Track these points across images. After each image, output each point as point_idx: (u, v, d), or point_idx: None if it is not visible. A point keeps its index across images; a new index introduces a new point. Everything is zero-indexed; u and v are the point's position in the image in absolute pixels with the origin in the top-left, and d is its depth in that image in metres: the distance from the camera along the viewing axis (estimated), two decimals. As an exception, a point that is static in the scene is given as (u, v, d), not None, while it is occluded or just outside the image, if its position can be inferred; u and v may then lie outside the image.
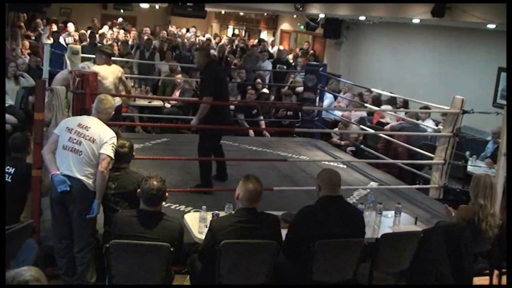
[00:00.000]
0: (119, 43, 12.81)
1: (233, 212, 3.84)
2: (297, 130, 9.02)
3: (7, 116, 7.41)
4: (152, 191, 3.58)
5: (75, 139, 4.02)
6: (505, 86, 8.61)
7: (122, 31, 14.82)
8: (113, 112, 4.56)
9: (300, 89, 10.36)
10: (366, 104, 9.36)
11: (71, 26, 13.50)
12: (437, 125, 7.72)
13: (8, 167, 4.46)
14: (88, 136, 4.02)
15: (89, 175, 4.02)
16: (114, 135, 4.13)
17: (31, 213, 4.46)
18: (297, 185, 6.49)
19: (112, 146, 4.05)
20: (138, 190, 3.79)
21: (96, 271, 4.10)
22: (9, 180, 4.44)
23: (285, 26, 16.69)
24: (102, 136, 4.04)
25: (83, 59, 7.97)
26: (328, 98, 10.08)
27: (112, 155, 4.04)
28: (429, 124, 7.98)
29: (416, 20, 9.01)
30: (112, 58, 6.95)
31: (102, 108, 4.23)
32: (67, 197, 3.99)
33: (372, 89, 8.85)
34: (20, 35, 12.05)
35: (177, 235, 3.61)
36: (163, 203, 3.76)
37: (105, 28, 14.84)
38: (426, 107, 7.94)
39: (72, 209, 4.02)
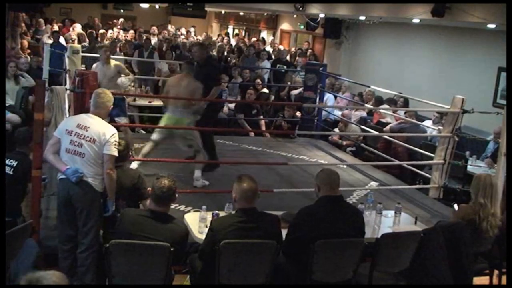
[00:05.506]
0: (121, 44, 12.78)
1: (233, 212, 3.84)
2: (297, 132, 9.01)
3: (10, 115, 7.39)
4: (162, 189, 3.60)
5: (76, 141, 3.98)
6: (505, 86, 8.61)
7: (122, 32, 14.78)
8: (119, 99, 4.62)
9: (294, 92, 10.36)
10: (366, 105, 9.37)
11: (78, 26, 13.46)
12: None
13: (11, 160, 4.48)
14: (88, 137, 3.97)
15: (96, 176, 4.00)
16: (115, 131, 4.09)
17: (31, 213, 4.45)
18: (297, 186, 6.48)
19: (115, 145, 4.02)
20: (149, 188, 3.78)
21: (96, 275, 4.06)
22: (11, 173, 4.45)
23: (285, 26, 16.68)
24: (102, 135, 3.98)
25: (83, 59, 7.95)
26: (329, 99, 10.07)
27: (115, 153, 4.02)
28: (428, 124, 7.98)
29: (416, 20, 9.00)
30: (114, 57, 7.03)
31: (100, 102, 4.15)
32: (74, 197, 3.98)
33: (372, 87, 8.84)
34: (20, 34, 12.04)
35: (180, 239, 3.61)
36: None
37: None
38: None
39: (79, 209, 4.00)
